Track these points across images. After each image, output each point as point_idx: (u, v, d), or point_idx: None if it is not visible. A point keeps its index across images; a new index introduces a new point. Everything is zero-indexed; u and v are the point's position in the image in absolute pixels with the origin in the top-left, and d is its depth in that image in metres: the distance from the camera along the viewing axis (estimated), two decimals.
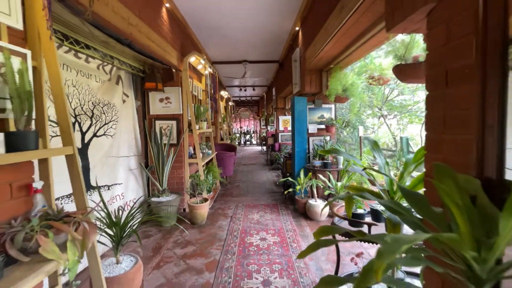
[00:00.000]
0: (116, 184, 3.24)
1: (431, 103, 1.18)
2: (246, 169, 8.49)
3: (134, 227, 1.99)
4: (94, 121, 2.86)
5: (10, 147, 1.14)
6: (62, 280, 1.37)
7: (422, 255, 0.78)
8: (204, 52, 5.94)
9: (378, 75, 2.66)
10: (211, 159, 5.36)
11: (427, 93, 1.21)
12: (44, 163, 1.44)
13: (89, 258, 1.49)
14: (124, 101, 3.55)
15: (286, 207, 4.39)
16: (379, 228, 1.84)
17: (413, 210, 0.94)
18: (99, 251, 1.61)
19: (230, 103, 13.84)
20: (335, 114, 4.54)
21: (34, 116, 1.27)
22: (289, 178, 4.41)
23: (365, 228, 1.87)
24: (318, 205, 3.76)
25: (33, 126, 1.31)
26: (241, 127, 20.49)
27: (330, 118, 4.46)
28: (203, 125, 4.77)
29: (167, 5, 3.55)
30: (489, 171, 0.83)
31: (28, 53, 1.34)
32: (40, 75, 1.39)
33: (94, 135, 2.87)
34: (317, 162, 4.18)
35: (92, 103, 2.86)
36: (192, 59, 4.38)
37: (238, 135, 17.56)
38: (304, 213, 3.98)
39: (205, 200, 3.88)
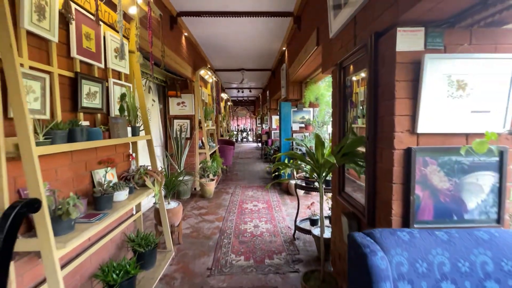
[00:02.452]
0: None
1: (334, 114, 2.44)
2: (243, 161, 9.75)
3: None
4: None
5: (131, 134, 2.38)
6: (152, 200, 2.62)
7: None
8: (209, 62, 7.15)
9: None
10: (215, 151, 6.60)
11: (334, 110, 2.46)
12: (134, 144, 2.68)
13: (159, 199, 2.73)
14: (152, 105, 4.77)
15: (273, 187, 5.66)
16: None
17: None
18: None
19: (229, 103, 15.04)
20: (313, 116, 5.81)
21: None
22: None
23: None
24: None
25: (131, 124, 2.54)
26: (238, 125, 21.71)
27: (308, 119, 5.73)
28: (209, 123, 6.01)
29: (186, 34, 4.77)
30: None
31: (131, 85, 2.57)
32: (135, 97, 2.62)
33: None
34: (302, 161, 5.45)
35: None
36: (202, 72, 5.61)
37: (235, 132, 18.78)
38: (287, 191, 5.25)
39: (212, 180, 5.14)
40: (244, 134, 20.02)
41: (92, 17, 1.97)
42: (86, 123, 1.96)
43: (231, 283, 2.34)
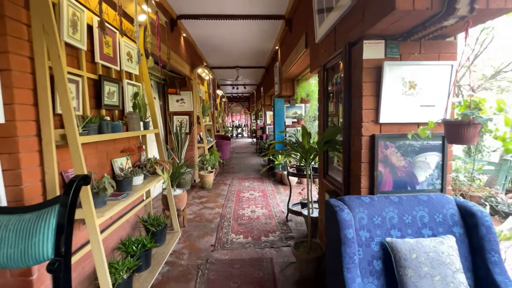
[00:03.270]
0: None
1: (319, 109, 2.80)
2: (239, 156, 10.10)
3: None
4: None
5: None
6: (157, 190, 2.96)
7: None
8: (205, 60, 7.43)
9: None
10: (212, 145, 6.93)
11: (319, 105, 2.82)
12: (144, 136, 3.00)
13: (167, 185, 3.07)
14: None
15: (268, 179, 6.04)
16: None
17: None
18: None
19: (224, 99, 15.31)
20: (305, 111, 6.18)
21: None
22: (271, 157, 6.05)
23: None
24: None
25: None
26: (233, 121, 21.99)
27: (300, 114, 6.10)
28: (207, 119, 6.33)
29: (184, 35, 5.06)
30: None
31: (141, 85, 2.88)
32: (145, 95, 2.94)
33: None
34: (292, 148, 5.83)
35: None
36: (199, 70, 5.91)
37: (230, 128, 19.08)
38: (280, 181, 5.64)
39: (211, 172, 5.48)
40: (239, 130, 20.33)
41: (112, 28, 2.28)
42: (107, 118, 2.28)
43: (232, 256, 2.72)
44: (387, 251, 1.37)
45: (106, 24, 2.25)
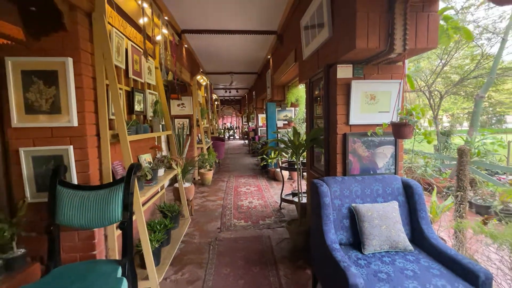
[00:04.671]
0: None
1: (306, 113, 3.41)
2: (233, 156, 10.64)
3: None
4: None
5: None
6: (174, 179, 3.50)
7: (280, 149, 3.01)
8: (201, 66, 7.96)
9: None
10: (209, 146, 7.46)
11: (306, 110, 3.43)
12: (159, 137, 3.53)
13: (179, 179, 3.59)
14: None
15: (262, 176, 6.63)
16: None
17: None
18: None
19: (216, 102, 15.82)
20: (295, 114, 6.82)
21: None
22: (264, 156, 6.64)
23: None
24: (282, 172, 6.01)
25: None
26: (224, 123, 22.48)
27: (291, 117, 6.73)
28: (204, 122, 6.86)
29: (186, 46, 5.60)
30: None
31: (157, 94, 3.41)
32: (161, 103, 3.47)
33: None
34: (281, 145, 6.45)
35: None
36: (198, 77, 6.44)
37: (222, 130, 19.56)
38: (273, 178, 6.24)
39: (210, 170, 6.02)
40: (231, 132, 20.83)
41: (139, 48, 2.82)
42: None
43: (236, 235, 3.28)
44: (352, 213, 1.97)
45: (135, 46, 2.79)
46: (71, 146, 1.95)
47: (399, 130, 1.92)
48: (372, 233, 1.83)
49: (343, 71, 2.30)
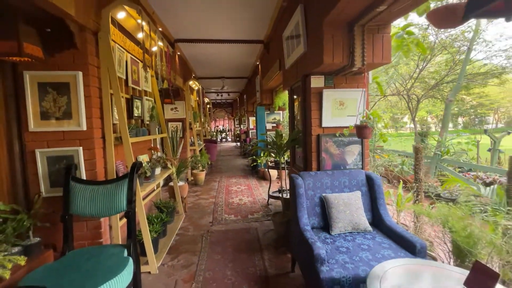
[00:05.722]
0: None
1: (289, 117, 3.78)
2: (224, 158, 10.95)
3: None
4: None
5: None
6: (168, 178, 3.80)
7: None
8: (193, 72, 8.28)
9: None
10: (202, 148, 7.76)
11: (289, 114, 3.80)
12: (155, 139, 3.83)
13: (174, 177, 3.90)
14: None
15: (252, 176, 6.98)
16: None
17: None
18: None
19: (208, 106, 16.12)
20: (282, 117, 7.21)
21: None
22: (255, 157, 6.99)
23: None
24: (271, 171, 6.37)
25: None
26: (217, 126, 22.75)
27: (279, 120, 7.11)
28: (197, 125, 7.17)
29: (179, 53, 5.93)
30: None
31: (152, 100, 3.73)
32: (157, 108, 3.79)
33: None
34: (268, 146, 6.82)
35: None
36: (190, 82, 6.76)
37: (214, 133, 19.84)
38: (263, 177, 6.59)
39: (202, 170, 6.32)
40: (223, 135, 21.12)
41: (136, 59, 3.14)
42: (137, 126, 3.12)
43: (227, 227, 3.61)
44: (323, 201, 2.34)
45: (134, 57, 3.11)
46: (81, 147, 2.26)
47: (361, 131, 2.30)
48: (338, 217, 2.20)
49: (316, 81, 2.68)
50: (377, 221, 2.31)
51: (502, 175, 3.70)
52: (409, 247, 1.88)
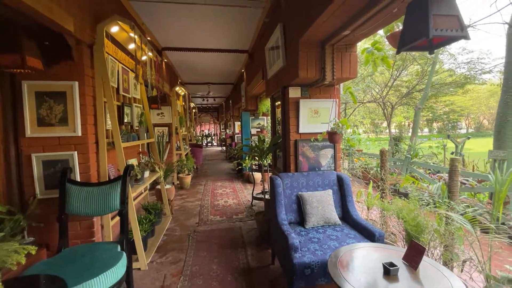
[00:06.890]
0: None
1: (271, 123, 4.07)
2: (210, 162, 11.11)
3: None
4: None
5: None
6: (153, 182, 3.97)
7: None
8: (180, 77, 8.45)
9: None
10: (188, 152, 7.91)
11: (271, 120, 4.10)
12: (143, 144, 4.00)
13: (162, 181, 4.07)
14: None
15: (238, 179, 7.20)
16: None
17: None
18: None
19: (194, 110, 16.21)
20: (266, 123, 7.51)
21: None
22: (240, 161, 7.23)
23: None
24: (255, 174, 6.63)
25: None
26: (202, 130, 22.79)
27: (263, 125, 7.42)
28: (183, 130, 7.33)
29: (166, 60, 6.11)
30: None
31: (141, 106, 3.90)
32: (145, 114, 3.97)
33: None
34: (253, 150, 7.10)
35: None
36: (177, 88, 6.94)
37: (200, 137, 19.89)
38: (248, 180, 6.84)
39: (188, 174, 6.48)
40: (209, 139, 21.19)
41: (127, 68, 3.32)
42: (127, 131, 3.29)
43: (212, 227, 3.82)
44: (299, 199, 2.63)
45: (125, 67, 3.30)
46: (76, 152, 2.42)
47: (332, 137, 2.62)
48: (311, 212, 2.49)
49: (294, 92, 2.99)
50: (346, 215, 2.62)
51: (463, 176, 4.18)
52: (370, 236, 2.20)
